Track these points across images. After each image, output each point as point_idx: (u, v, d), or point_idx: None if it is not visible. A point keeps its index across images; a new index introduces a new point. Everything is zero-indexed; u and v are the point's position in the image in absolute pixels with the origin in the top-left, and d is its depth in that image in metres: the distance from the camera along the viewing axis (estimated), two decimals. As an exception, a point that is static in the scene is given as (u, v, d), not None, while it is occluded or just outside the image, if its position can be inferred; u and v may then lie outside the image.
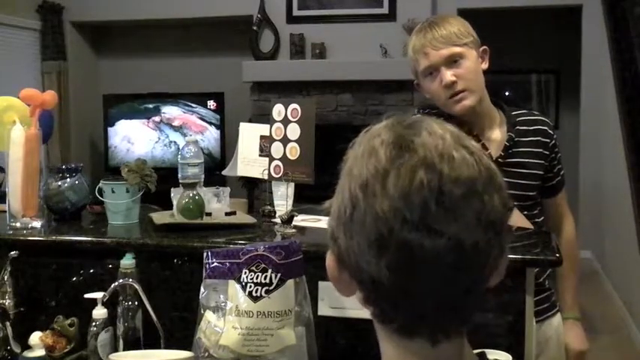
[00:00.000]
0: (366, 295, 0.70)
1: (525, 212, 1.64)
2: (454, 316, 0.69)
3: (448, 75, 1.60)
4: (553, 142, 1.73)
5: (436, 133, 0.68)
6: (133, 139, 6.34)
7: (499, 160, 1.65)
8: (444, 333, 0.69)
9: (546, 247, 1.44)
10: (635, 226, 3.85)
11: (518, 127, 1.70)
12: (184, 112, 6.31)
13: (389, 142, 0.67)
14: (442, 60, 1.61)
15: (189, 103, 6.30)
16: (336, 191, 0.72)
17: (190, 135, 5.94)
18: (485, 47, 1.68)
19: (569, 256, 1.77)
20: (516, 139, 1.68)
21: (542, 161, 1.71)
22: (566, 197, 1.84)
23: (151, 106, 6.34)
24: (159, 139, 6.34)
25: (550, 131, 1.74)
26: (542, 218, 1.76)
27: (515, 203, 1.58)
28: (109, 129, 6.36)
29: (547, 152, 1.72)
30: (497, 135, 1.70)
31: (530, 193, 1.70)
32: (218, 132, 6.23)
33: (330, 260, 0.73)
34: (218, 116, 6.23)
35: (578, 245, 1.92)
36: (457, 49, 1.61)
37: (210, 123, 6.25)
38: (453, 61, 1.61)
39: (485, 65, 1.68)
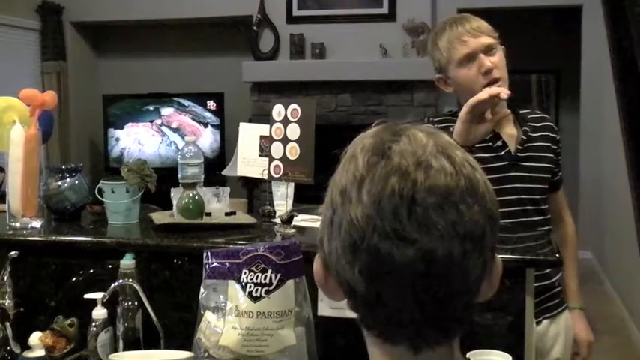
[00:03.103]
0: (348, 301, 0.70)
1: (541, 206, 1.75)
2: (434, 326, 0.67)
3: (487, 61, 1.66)
4: (558, 137, 1.83)
5: (418, 141, 0.66)
6: (143, 140, 6.37)
7: (517, 154, 1.73)
8: (426, 343, 0.68)
9: (546, 247, 1.44)
10: (635, 226, 3.84)
11: (529, 124, 1.78)
12: (184, 113, 6.31)
13: (368, 149, 0.67)
14: (482, 47, 1.66)
15: (189, 103, 6.31)
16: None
17: (186, 136, 6.00)
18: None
19: (572, 248, 1.93)
20: (530, 134, 1.76)
21: (552, 155, 1.79)
22: (564, 192, 1.93)
23: (151, 107, 6.34)
24: (162, 140, 6.37)
25: (555, 127, 1.84)
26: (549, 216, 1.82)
27: (531, 197, 1.72)
28: (119, 132, 6.39)
29: (554, 147, 1.80)
30: (514, 131, 1.77)
31: (544, 186, 1.78)
32: (212, 133, 6.24)
33: (317, 265, 0.73)
34: (218, 116, 6.23)
35: (578, 244, 2.00)
36: (492, 41, 1.68)
37: (201, 122, 6.26)
38: (489, 50, 1.67)
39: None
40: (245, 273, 1.30)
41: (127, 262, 1.45)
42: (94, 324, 1.42)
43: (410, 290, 0.64)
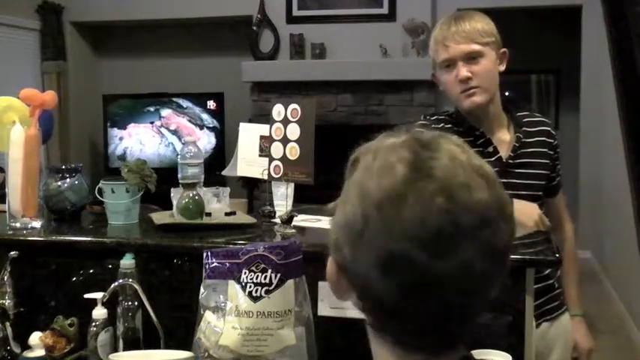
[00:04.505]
0: (366, 306, 0.71)
1: None
2: (451, 335, 0.70)
3: (464, 70, 1.63)
4: (556, 142, 1.77)
5: (456, 159, 0.68)
6: (144, 140, 6.38)
7: (509, 161, 1.69)
8: (440, 350, 0.71)
9: (546, 247, 1.44)
10: (635, 226, 3.85)
11: (524, 129, 1.73)
12: (182, 115, 6.31)
13: (407, 163, 0.67)
14: (461, 55, 1.63)
15: (187, 105, 6.31)
16: (342, 196, 0.72)
17: (183, 137, 6.02)
18: (505, 50, 1.70)
19: (572, 253, 1.88)
20: (523, 139, 1.72)
21: (548, 161, 1.75)
22: (564, 197, 1.88)
23: (152, 108, 6.34)
24: (161, 140, 6.38)
25: (553, 132, 1.78)
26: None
27: None
28: (122, 131, 6.39)
29: (551, 152, 1.76)
30: (506, 136, 1.73)
31: (538, 193, 1.73)
32: (207, 135, 6.23)
33: (330, 266, 0.74)
34: (217, 116, 6.23)
35: (577, 245, 1.97)
36: (477, 47, 1.63)
37: (197, 125, 6.27)
38: (471, 57, 1.63)
39: (502, 67, 1.70)
40: (245, 273, 1.30)
41: (127, 262, 1.45)
42: (94, 324, 1.41)
43: (444, 304, 0.67)
